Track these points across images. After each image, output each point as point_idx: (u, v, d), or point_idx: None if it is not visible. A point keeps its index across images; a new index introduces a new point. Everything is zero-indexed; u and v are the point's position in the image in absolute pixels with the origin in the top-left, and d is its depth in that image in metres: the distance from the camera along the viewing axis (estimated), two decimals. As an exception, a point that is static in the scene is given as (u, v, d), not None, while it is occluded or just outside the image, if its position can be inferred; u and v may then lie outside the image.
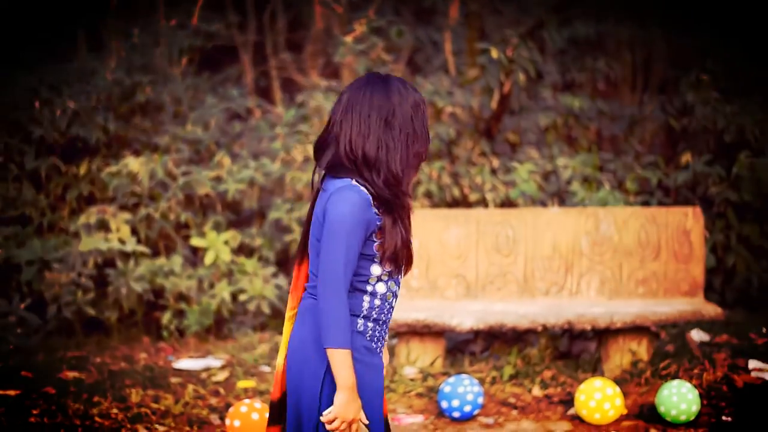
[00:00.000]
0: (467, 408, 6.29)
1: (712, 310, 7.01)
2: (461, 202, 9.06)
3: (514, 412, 6.58)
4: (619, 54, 12.48)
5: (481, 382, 6.89)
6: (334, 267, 3.42)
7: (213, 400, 6.67)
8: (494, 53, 8.88)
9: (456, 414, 6.30)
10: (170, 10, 10.21)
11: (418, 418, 6.36)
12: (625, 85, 12.61)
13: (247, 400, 6.01)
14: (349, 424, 3.47)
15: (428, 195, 8.99)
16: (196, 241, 8.48)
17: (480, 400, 6.33)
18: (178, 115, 9.57)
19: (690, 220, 7.32)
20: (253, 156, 9.54)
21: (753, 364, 7.10)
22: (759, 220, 8.89)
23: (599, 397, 6.19)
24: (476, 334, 7.92)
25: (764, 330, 8.16)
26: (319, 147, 3.60)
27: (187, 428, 6.21)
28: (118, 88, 9.14)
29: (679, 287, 7.31)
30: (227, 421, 5.88)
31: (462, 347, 7.93)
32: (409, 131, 3.54)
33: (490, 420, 6.40)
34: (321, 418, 3.48)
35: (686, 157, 9.06)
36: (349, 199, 3.42)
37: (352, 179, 3.48)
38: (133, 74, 9.29)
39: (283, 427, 3.70)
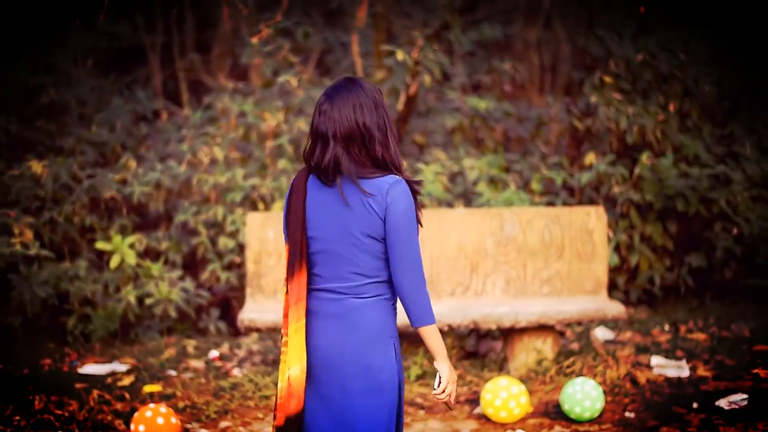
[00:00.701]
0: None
1: (615, 308, 7.11)
2: (369, 204, 9.06)
3: (421, 412, 6.60)
4: (526, 56, 12.63)
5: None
6: (417, 255, 3.68)
7: (118, 405, 6.59)
8: (400, 55, 8.91)
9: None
10: (75, 10, 10.08)
11: (325, 420, 6.35)
12: (533, 87, 12.76)
13: (152, 405, 5.96)
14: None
15: (335, 197, 8.98)
16: (101, 245, 8.37)
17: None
18: (83, 117, 9.45)
19: (593, 219, 7.41)
20: (160, 158, 9.47)
21: (655, 360, 7.23)
22: (661, 220, 9.05)
23: (505, 395, 6.24)
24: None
25: (666, 327, 8.32)
26: (331, 162, 3.69)
27: (92, 434, 6.15)
28: (21, 89, 8.99)
29: (582, 286, 7.40)
30: (132, 426, 5.84)
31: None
32: (391, 125, 3.79)
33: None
34: (437, 395, 3.75)
35: (590, 158, 9.18)
36: (405, 191, 3.67)
37: (392, 173, 3.70)
38: (37, 75, 9.16)
39: None
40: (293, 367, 3.70)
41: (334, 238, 3.71)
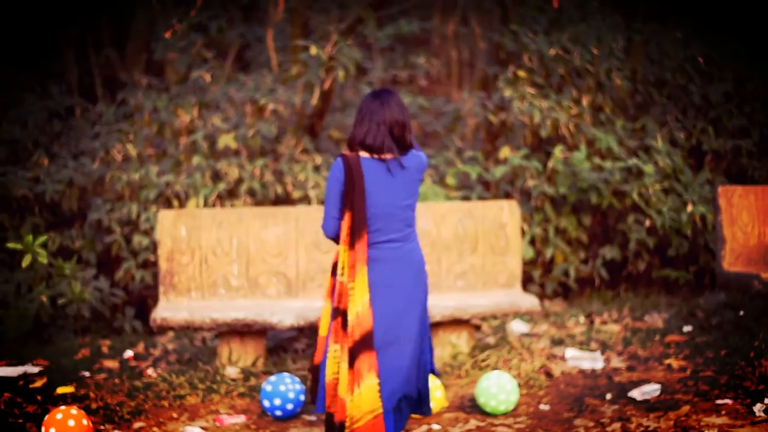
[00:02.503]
0: (289, 406, 6.28)
1: (528, 301, 7.16)
2: (284, 200, 9.06)
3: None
4: (444, 51, 12.66)
5: (304, 380, 6.90)
6: None
7: (30, 408, 6.49)
8: (313, 50, 8.89)
9: (278, 413, 6.28)
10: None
11: (240, 419, 6.33)
12: (451, 82, 12.81)
13: (63, 407, 5.88)
14: None
15: (251, 193, 8.96)
16: (12, 245, 8.23)
17: (302, 397, 6.33)
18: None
19: (506, 213, 7.45)
20: (73, 156, 9.35)
21: (570, 352, 7.30)
22: (575, 213, 9.14)
23: (419, 391, 6.25)
24: (300, 331, 7.93)
25: (581, 319, 8.40)
26: (382, 143, 5.23)
27: (1, 438, 6.05)
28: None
29: (496, 280, 7.44)
30: (43, 429, 5.75)
31: (286, 345, 7.92)
32: None
33: (313, 417, 6.41)
34: None
35: (504, 152, 9.24)
36: None
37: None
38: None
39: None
40: (358, 305, 5.18)
41: (391, 202, 5.23)
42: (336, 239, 5.32)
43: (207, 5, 10.22)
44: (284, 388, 6.27)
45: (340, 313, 5.26)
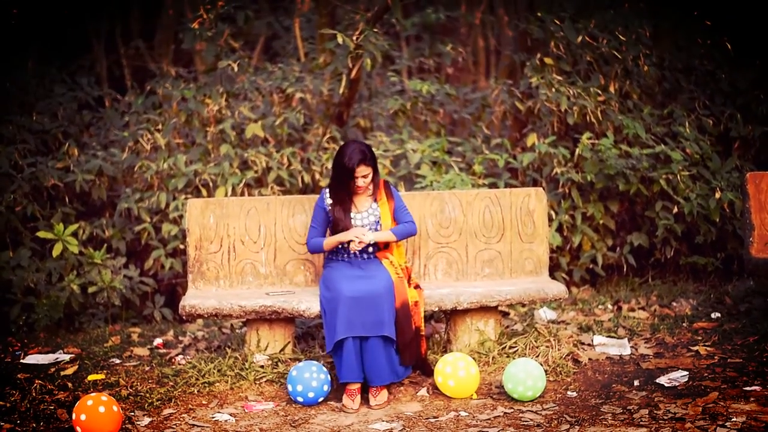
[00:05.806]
0: (325, 386, 6.31)
1: (556, 288, 7.14)
2: (312, 189, 9.08)
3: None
4: (471, 40, 12.64)
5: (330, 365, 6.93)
6: None
7: (61, 395, 6.55)
8: (340, 39, 8.89)
9: (311, 394, 6.31)
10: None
11: (269, 405, 6.37)
12: (479, 70, 12.79)
13: (93, 394, 5.93)
14: None
15: (279, 181, 8.99)
16: (43, 234, 8.31)
17: (325, 388, 6.35)
18: (25, 104, 9.37)
19: (533, 200, 7.44)
20: (102, 146, 9.41)
21: (597, 339, 7.29)
22: (602, 200, 9.11)
23: (463, 374, 6.34)
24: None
25: (609, 306, 8.39)
26: None
27: (34, 424, 6.09)
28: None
29: (524, 267, 7.44)
30: (74, 416, 5.80)
31: (314, 333, 7.95)
32: None
33: (341, 404, 6.44)
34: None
35: (532, 139, 9.23)
36: None
37: None
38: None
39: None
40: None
41: None
42: None
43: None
44: (309, 375, 6.31)
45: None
